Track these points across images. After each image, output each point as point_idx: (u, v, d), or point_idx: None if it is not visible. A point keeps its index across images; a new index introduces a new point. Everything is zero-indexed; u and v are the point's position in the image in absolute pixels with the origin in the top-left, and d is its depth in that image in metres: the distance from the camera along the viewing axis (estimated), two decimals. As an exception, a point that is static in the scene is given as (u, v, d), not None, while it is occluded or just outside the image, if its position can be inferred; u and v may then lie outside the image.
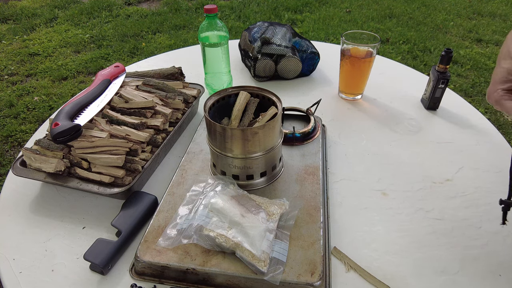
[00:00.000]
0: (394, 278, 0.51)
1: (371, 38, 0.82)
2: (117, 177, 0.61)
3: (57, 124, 0.61)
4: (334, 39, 2.81)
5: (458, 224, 0.58)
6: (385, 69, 1.02)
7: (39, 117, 2.06)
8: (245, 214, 0.52)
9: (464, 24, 3.03)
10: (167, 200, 0.59)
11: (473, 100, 2.15)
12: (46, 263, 0.53)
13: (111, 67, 0.81)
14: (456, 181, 0.67)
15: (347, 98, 0.90)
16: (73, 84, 2.38)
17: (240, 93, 0.62)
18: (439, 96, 0.83)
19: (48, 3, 3.61)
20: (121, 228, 0.55)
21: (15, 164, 0.64)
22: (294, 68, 0.96)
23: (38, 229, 0.59)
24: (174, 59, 1.11)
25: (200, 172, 0.65)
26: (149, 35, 2.98)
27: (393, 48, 2.69)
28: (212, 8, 0.78)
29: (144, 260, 0.49)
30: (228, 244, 0.48)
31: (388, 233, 0.57)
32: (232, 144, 0.56)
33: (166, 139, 0.70)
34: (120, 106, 0.72)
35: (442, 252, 0.54)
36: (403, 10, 3.30)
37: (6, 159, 1.80)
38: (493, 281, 0.50)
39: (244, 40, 1.03)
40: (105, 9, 3.45)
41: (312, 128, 0.72)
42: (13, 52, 2.73)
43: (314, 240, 0.52)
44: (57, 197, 0.65)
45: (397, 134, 0.78)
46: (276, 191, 0.60)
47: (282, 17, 3.22)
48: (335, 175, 0.68)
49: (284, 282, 0.47)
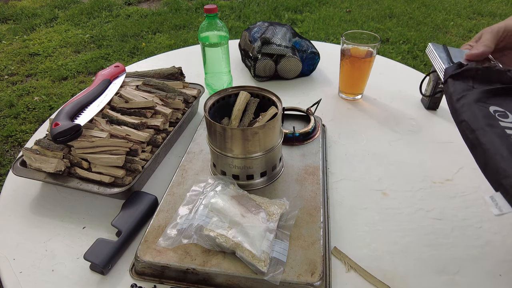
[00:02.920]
0: (394, 278, 0.51)
1: (371, 38, 0.82)
2: (117, 177, 0.61)
3: (57, 124, 0.61)
4: (334, 39, 2.81)
5: (458, 224, 0.58)
6: (385, 69, 1.02)
7: (39, 117, 2.06)
8: (245, 214, 0.52)
9: (464, 24, 3.03)
10: (167, 200, 0.59)
11: (473, 100, 2.14)
12: (46, 263, 0.53)
13: (111, 67, 0.81)
14: (456, 181, 0.67)
15: (347, 98, 0.90)
16: (73, 84, 2.38)
17: (240, 93, 0.62)
18: (439, 96, 0.83)
19: (48, 3, 3.61)
20: (121, 228, 0.55)
21: (15, 164, 0.64)
22: (294, 68, 0.96)
23: (38, 229, 0.59)
24: (174, 59, 1.11)
25: (200, 172, 0.65)
26: (149, 35, 2.98)
27: (393, 48, 2.69)
28: (212, 8, 0.78)
29: (144, 260, 0.49)
30: (228, 244, 0.48)
31: (388, 233, 0.57)
32: (232, 144, 0.56)
33: (166, 139, 0.70)
34: (120, 106, 0.72)
35: (442, 252, 0.54)
36: (403, 10, 3.30)
37: (6, 159, 1.80)
38: (493, 281, 0.50)
39: (244, 40, 1.03)
40: (105, 9, 3.45)
41: (312, 128, 0.72)
42: (13, 52, 2.73)
43: (314, 240, 0.52)
44: (57, 197, 0.65)
45: (397, 134, 0.78)
46: (276, 191, 0.60)
47: (282, 17, 3.22)
48: (335, 175, 0.68)
49: (284, 282, 0.47)
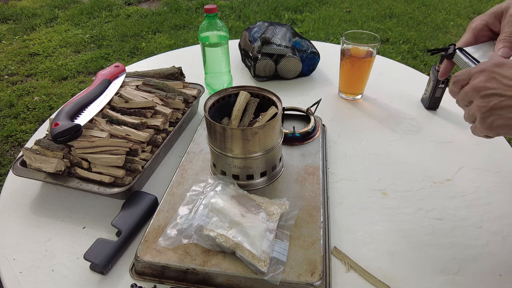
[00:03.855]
0: (394, 278, 0.51)
1: (371, 38, 0.82)
2: (117, 177, 0.61)
3: (57, 124, 0.61)
4: (334, 39, 2.81)
5: (458, 224, 0.58)
6: (385, 69, 1.02)
7: (39, 117, 2.06)
8: (245, 214, 0.52)
9: (464, 24, 3.03)
10: (167, 200, 0.59)
11: (473, 100, 2.14)
12: (46, 263, 0.53)
13: (111, 67, 0.81)
14: (456, 181, 0.67)
15: (347, 98, 0.90)
16: (73, 84, 2.38)
17: (240, 93, 0.62)
18: (439, 96, 0.83)
19: (48, 3, 3.61)
20: (121, 228, 0.55)
21: (15, 164, 0.64)
22: (294, 68, 0.96)
23: (38, 229, 0.59)
24: (174, 59, 1.11)
25: (200, 172, 0.65)
26: (149, 35, 2.98)
27: (393, 48, 2.69)
28: (212, 8, 0.78)
29: (144, 260, 0.49)
30: (228, 244, 0.48)
31: (388, 233, 0.57)
32: (232, 144, 0.56)
33: (166, 139, 0.70)
34: (120, 106, 0.72)
35: (442, 252, 0.54)
36: (403, 10, 3.30)
37: (6, 159, 1.80)
38: (493, 281, 0.50)
39: (244, 40, 1.03)
40: (105, 9, 3.45)
41: (312, 128, 0.72)
42: (13, 52, 2.73)
43: (314, 240, 0.52)
44: (57, 197, 0.65)
45: (397, 134, 0.78)
46: (276, 191, 0.60)
47: (282, 17, 3.22)
48: (335, 175, 0.68)
49: (284, 282, 0.47)
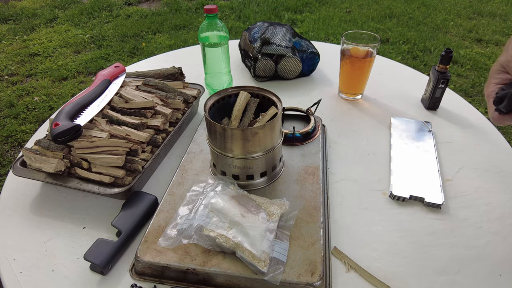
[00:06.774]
0: (394, 278, 0.51)
1: (371, 38, 0.82)
2: (117, 177, 0.61)
3: (57, 124, 0.61)
4: (334, 39, 2.81)
5: (458, 224, 0.58)
6: (385, 69, 1.02)
7: (39, 117, 2.06)
8: (245, 214, 0.52)
9: (464, 24, 3.03)
10: (167, 200, 0.59)
11: (473, 100, 2.15)
12: (46, 263, 0.53)
13: (111, 67, 0.81)
14: (456, 181, 0.67)
15: (347, 98, 0.90)
16: (73, 84, 2.38)
17: (240, 93, 0.62)
18: (439, 96, 0.83)
19: (48, 3, 3.61)
20: (121, 228, 0.55)
21: (15, 164, 0.64)
22: (294, 68, 0.96)
23: (38, 229, 0.59)
24: (174, 59, 1.11)
25: (200, 172, 0.65)
26: (149, 35, 2.98)
27: (393, 48, 2.69)
28: (212, 8, 0.78)
29: (144, 260, 0.49)
30: (228, 244, 0.48)
31: (388, 233, 0.57)
32: (232, 144, 0.56)
33: (166, 139, 0.70)
34: (120, 106, 0.72)
35: (442, 252, 0.54)
36: (403, 10, 3.30)
37: (6, 159, 1.80)
38: (493, 281, 0.50)
39: (244, 40, 1.03)
40: (105, 9, 3.45)
41: (312, 128, 0.72)
42: (13, 52, 2.73)
43: (314, 240, 0.52)
44: (57, 197, 0.65)
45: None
46: (276, 191, 0.60)
47: (282, 17, 3.22)
48: (335, 175, 0.68)
49: (284, 282, 0.47)
